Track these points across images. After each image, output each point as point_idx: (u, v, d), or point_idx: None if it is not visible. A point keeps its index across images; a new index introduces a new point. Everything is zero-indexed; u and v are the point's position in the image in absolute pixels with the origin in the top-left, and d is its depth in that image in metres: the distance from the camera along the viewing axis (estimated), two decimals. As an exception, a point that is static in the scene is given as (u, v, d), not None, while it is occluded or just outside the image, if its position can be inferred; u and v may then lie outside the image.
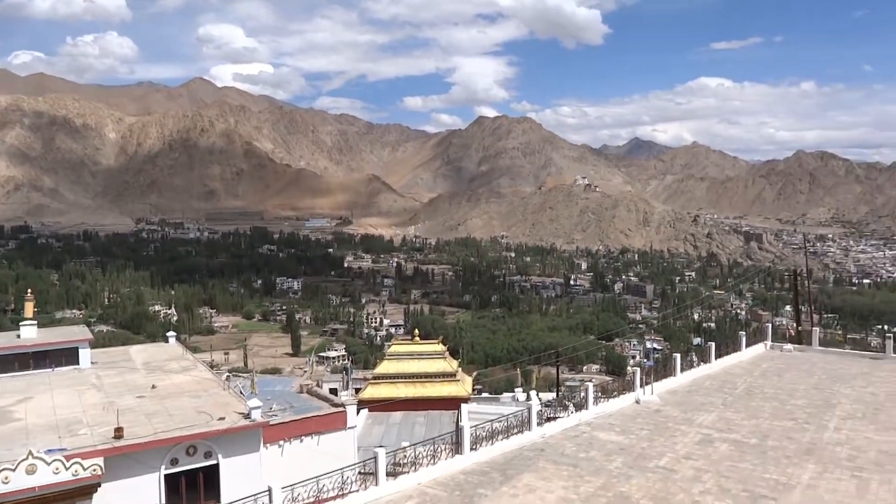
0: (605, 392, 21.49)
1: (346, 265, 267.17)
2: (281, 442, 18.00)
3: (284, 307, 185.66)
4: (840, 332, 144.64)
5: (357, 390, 38.00)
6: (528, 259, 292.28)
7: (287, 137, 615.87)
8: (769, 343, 28.54)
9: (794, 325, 31.86)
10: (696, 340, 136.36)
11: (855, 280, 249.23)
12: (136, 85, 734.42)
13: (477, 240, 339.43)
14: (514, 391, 36.75)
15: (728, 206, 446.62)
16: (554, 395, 39.56)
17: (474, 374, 34.11)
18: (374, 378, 28.72)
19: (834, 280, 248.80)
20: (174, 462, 16.22)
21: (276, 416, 18.73)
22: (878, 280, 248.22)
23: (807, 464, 15.45)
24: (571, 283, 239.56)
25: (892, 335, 27.18)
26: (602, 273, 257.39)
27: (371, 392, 27.74)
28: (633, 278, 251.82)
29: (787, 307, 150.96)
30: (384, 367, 28.64)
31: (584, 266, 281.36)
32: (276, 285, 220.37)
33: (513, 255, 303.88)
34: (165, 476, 16.17)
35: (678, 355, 23.75)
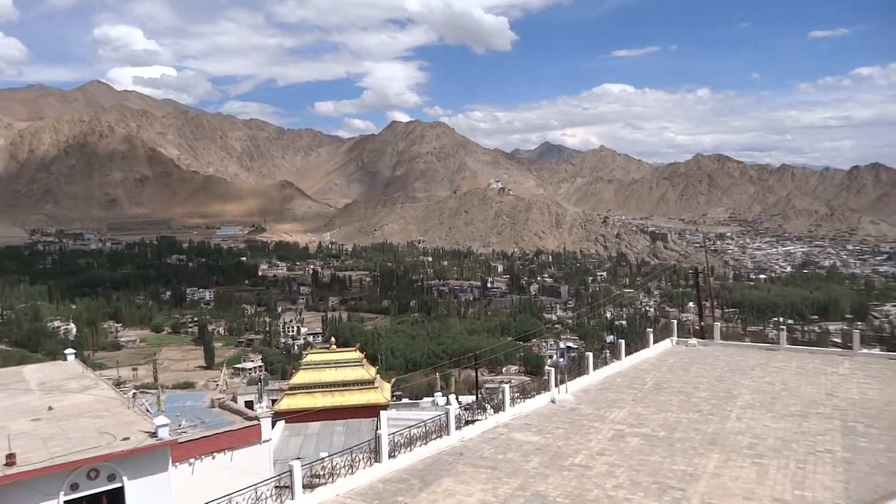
0: (522, 393, 21.81)
1: (260, 273, 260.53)
2: (191, 460, 17.25)
3: (196, 318, 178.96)
4: (740, 325, 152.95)
5: (274, 401, 37.01)
6: (446, 263, 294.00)
7: (194, 143, 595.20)
8: (675, 339, 29.79)
9: (698, 320, 33.41)
10: (609, 338, 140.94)
11: (752, 276, 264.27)
12: (25, 88, 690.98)
13: (394, 245, 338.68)
14: (433, 396, 36.79)
15: (635, 208, 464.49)
16: (474, 397, 39.87)
17: (393, 380, 33.97)
18: (291, 388, 28.06)
19: (733, 276, 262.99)
20: (74, 487, 15.24)
21: (185, 433, 17.94)
22: (773, 275, 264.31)
23: (711, 453, 16.19)
24: (488, 285, 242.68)
25: (784, 328, 28.92)
26: (518, 275, 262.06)
27: (287, 403, 27.08)
28: (548, 279, 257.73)
29: (692, 303, 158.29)
30: (300, 377, 28.04)
31: (500, 269, 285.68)
32: (187, 296, 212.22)
33: (430, 259, 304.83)
34: (65, 503, 15.19)
35: (591, 354, 24.43)
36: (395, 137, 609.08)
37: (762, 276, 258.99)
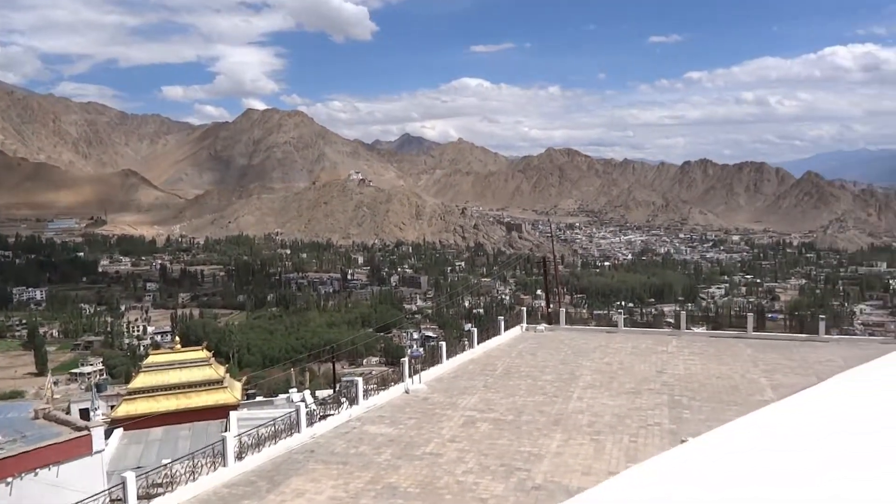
0: (378, 384, 21.77)
1: (100, 270, 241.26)
2: (9, 479, 15.62)
3: (25, 321, 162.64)
4: (587, 309, 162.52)
5: (114, 408, 34.44)
6: (305, 255, 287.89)
7: (21, 127, 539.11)
8: (525, 325, 31.05)
9: (546, 306, 35.03)
10: (468, 326, 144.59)
11: (598, 263, 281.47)
12: None
13: (250, 237, 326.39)
14: (289, 392, 35.90)
15: (492, 199, 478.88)
16: (332, 391, 39.34)
17: (243, 378, 32.65)
18: (129, 393, 26.20)
19: (581, 264, 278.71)
20: None
21: (1, 448, 16.21)
22: (616, 262, 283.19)
23: (555, 433, 17.01)
24: (349, 277, 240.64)
25: (622, 311, 30.96)
26: (379, 266, 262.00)
27: (126, 409, 25.27)
28: (408, 270, 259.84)
29: (539, 290, 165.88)
30: (140, 381, 26.23)
31: (360, 260, 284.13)
32: (13, 296, 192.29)
33: (288, 251, 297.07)
34: None
35: (444, 343, 24.88)
36: (250, 125, 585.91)
37: (607, 263, 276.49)
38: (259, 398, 40.06)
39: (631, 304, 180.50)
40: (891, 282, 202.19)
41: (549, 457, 15.42)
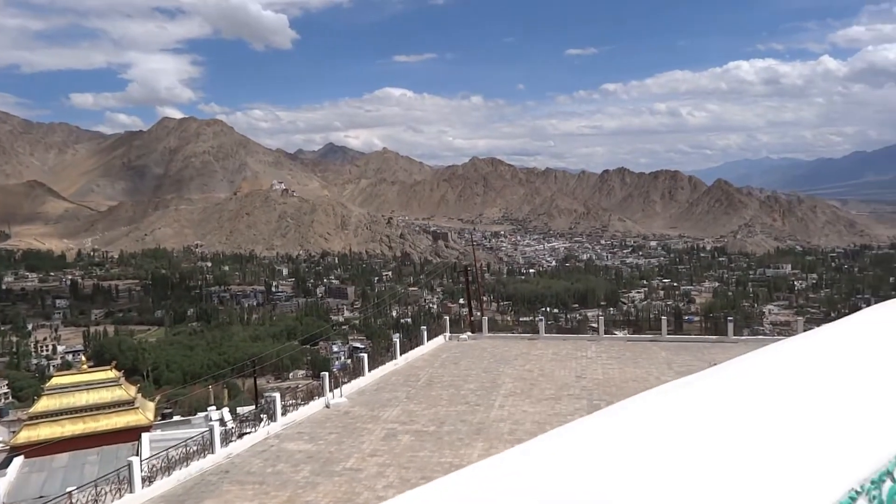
0: (298, 399, 21.26)
1: (4, 287, 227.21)
2: None
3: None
4: (512, 316, 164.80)
5: (14, 434, 32.35)
6: (227, 268, 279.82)
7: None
8: (448, 334, 31.09)
9: (469, 315, 35.22)
10: (396, 336, 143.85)
11: (523, 270, 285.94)
12: None
13: (168, 250, 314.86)
14: (207, 410, 34.63)
15: (417, 208, 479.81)
16: (254, 407, 38.21)
17: (157, 397, 31.30)
18: (31, 418, 24.63)
19: (507, 271, 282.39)
20: None
21: None
22: (541, 269, 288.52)
23: (476, 443, 17.04)
24: (273, 290, 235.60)
25: (542, 318, 31.50)
26: (304, 278, 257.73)
27: (27, 435, 23.74)
28: (334, 281, 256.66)
29: (461, 300, 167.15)
30: (43, 404, 24.71)
31: (285, 272, 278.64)
32: None
33: (209, 264, 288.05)
34: None
35: (365, 355, 24.59)
36: (166, 134, 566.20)
37: (532, 271, 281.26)
38: (177, 417, 38.51)
39: (556, 310, 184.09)
40: (795, 283, 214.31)
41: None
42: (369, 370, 24.03)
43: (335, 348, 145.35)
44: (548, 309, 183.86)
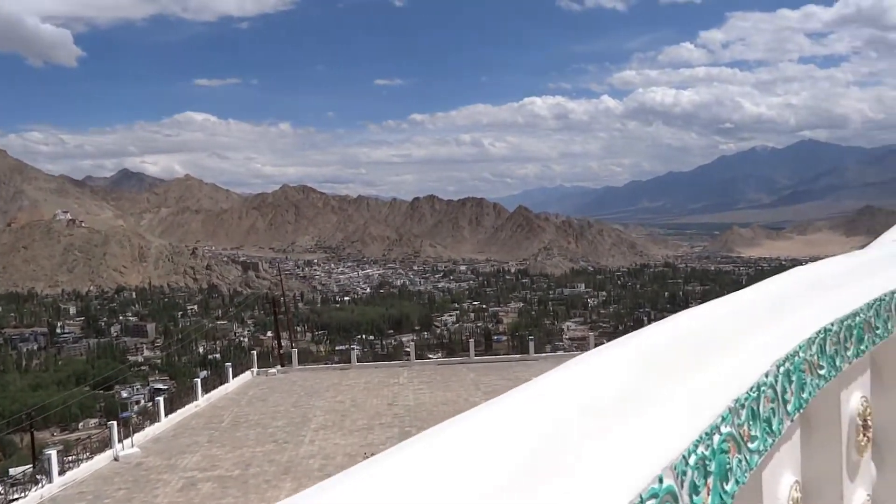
0: (83, 453, 18.98)
1: None
2: None
3: None
4: (328, 346, 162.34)
5: None
6: (0, 309, 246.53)
7: None
8: (255, 370, 29.70)
9: (278, 348, 33.98)
10: (203, 374, 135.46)
11: (338, 298, 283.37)
12: None
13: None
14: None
15: (225, 238, 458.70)
16: (31, 466, 33.58)
17: None
18: None
19: (321, 300, 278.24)
20: None
21: None
22: (356, 296, 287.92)
23: (284, 483, 16.27)
24: (58, 331, 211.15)
25: (355, 347, 31.24)
26: (96, 316, 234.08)
27: None
28: (132, 318, 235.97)
29: (269, 332, 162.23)
30: None
31: (73, 311, 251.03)
32: None
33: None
34: None
35: (161, 399, 22.69)
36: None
37: (346, 298, 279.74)
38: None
39: (372, 337, 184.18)
40: (588, 300, 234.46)
41: (278, 509, 14.67)
42: (166, 414, 22.16)
43: (125, 393, 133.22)
44: (364, 336, 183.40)
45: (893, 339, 3.05)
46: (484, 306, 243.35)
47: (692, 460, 1.35)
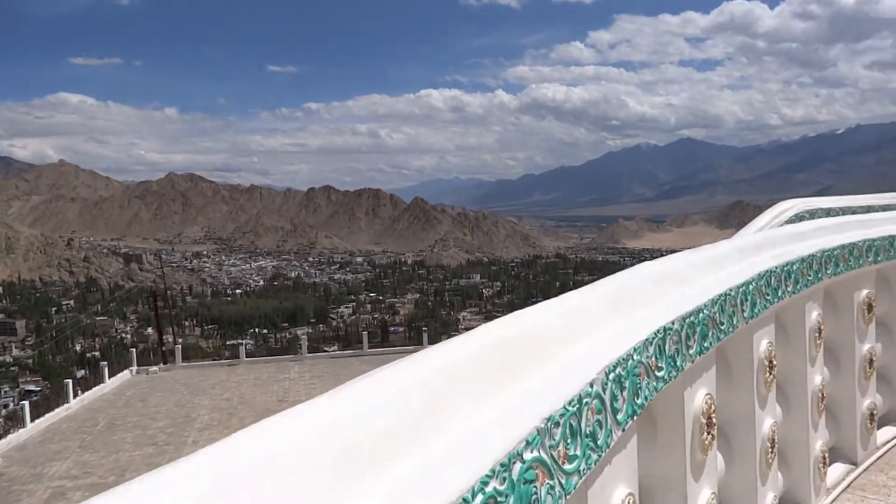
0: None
1: None
2: None
3: None
4: (219, 341, 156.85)
5: None
6: None
7: None
8: (135, 368, 28.13)
9: (160, 344, 32.37)
10: (80, 373, 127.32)
11: (229, 291, 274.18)
12: None
13: None
14: None
15: (104, 228, 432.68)
16: None
17: None
18: None
19: (212, 293, 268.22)
20: None
21: None
22: (248, 289, 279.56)
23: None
24: None
25: (242, 342, 30.29)
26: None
27: None
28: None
29: (150, 329, 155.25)
30: None
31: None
32: None
33: None
34: None
35: (27, 403, 21.02)
36: None
37: (238, 291, 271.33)
38: None
39: (265, 331, 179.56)
40: (484, 290, 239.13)
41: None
42: (33, 419, 20.55)
43: (2, 394, 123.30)
44: (257, 330, 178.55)
45: (741, 333, 2.99)
46: (381, 298, 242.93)
47: (479, 501, 1.18)
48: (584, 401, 1.64)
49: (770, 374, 3.27)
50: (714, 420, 2.62)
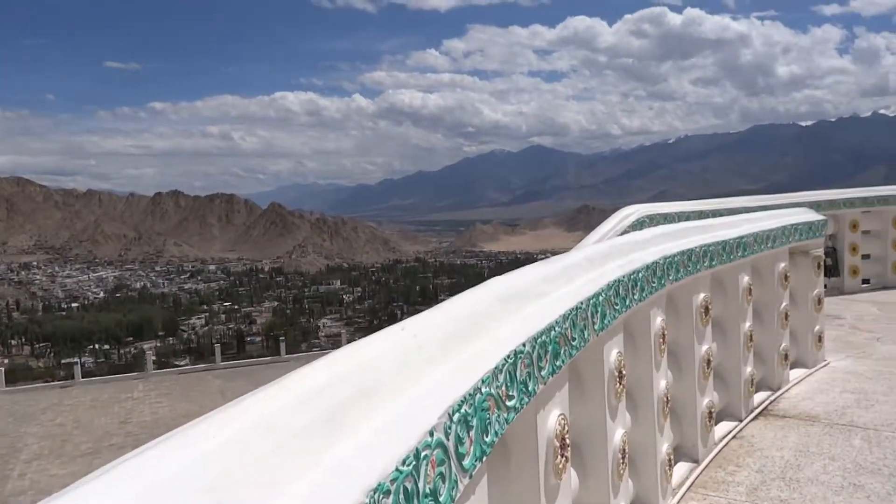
0: None
1: None
2: None
3: None
4: (53, 360, 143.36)
5: None
6: None
7: None
8: (-53, 396, 24.95)
9: (-21, 369, 28.93)
10: None
11: (64, 305, 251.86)
12: None
13: None
14: None
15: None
16: None
17: None
18: None
19: (43, 307, 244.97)
20: None
21: None
22: (86, 302, 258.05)
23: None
24: None
25: (78, 361, 27.86)
26: None
27: None
28: None
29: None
30: None
31: None
32: None
33: None
34: None
35: None
36: None
37: (75, 305, 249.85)
38: None
39: (107, 346, 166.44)
40: (344, 296, 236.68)
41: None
42: None
43: None
44: (97, 346, 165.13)
45: (592, 345, 2.90)
46: (236, 307, 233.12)
47: None
48: (423, 454, 1.40)
49: (620, 384, 3.22)
50: (567, 441, 2.48)
